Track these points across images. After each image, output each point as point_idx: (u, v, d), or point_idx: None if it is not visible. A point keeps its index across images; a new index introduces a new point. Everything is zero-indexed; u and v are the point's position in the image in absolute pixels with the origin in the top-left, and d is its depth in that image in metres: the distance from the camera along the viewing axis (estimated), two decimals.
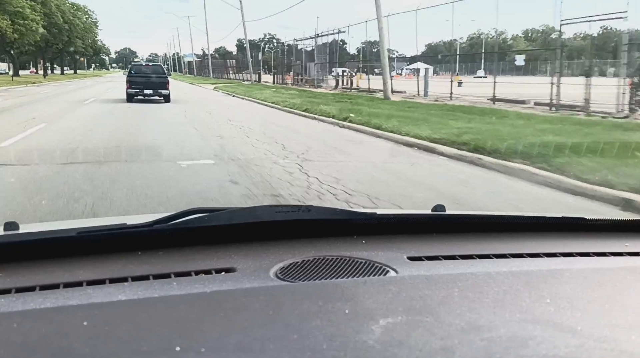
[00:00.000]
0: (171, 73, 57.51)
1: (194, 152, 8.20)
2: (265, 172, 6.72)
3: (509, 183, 6.40)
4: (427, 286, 0.99)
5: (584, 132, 9.70)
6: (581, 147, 7.32)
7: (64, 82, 52.24)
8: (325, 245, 1.22)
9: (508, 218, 1.53)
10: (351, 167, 7.37)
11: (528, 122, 11.62)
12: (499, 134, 9.22)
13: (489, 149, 7.77)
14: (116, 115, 15.60)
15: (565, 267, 1.14)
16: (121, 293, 0.95)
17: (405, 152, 9.07)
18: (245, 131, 11.38)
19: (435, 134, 9.54)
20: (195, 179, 6.32)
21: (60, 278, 1.00)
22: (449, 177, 6.86)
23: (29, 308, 0.88)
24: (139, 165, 7.24)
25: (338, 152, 9.00)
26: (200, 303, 0.91)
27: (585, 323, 0.87)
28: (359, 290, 0.96)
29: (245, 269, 1.07)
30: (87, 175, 6.29)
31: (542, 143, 7.80)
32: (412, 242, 1.27)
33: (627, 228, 1.44)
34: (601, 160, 6.63)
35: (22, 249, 1.11)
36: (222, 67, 70.19)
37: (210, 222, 1.21)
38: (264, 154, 8.19)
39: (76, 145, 8.90)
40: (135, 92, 20.85)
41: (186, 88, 37.87)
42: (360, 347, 0.77)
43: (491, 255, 1.20)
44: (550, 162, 6.60)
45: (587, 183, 5.74)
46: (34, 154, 7.98)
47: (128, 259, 1.11)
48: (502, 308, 0.91)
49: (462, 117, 12.97)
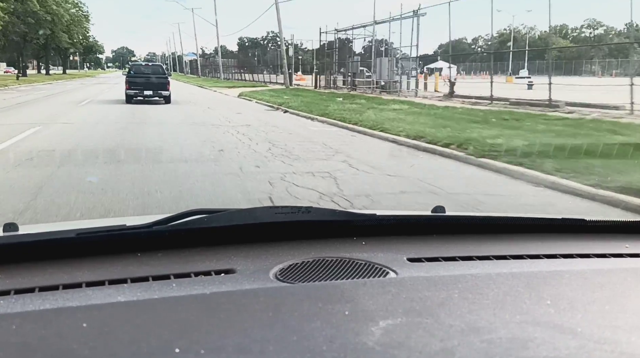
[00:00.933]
0: (171, 73, 52.25)
1: None
2: None
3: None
4: (427, 287, 0.99)
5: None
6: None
7: (40, 85, 40.30)
8: (325, 246, 1.22)
9: (508, 219, 1.53)
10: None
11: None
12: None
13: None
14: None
15: (565, 269, 1.14)
16: (120, 294, 0.94)
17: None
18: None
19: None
20: None
21: (60, 279, 1.00)
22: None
23: (28, 310, 0.88)
24: None
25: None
26: (199, 305, 0.91)
27: (586, 324, 0.87)
28: (358, 291, 0.96)
29: (245, 270, 1.07)
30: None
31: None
32: (412, 243, 1.27)
33: (628, 230, 1.44)
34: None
35: (22, 250, 1.11)
36: (230, 67, 62.31)
37: (210, 224, 1.20)
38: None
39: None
40: (135, 93, 20.01)
41: (200, 95, 28.56)
42: (360, 348, 0.77)
43: (491, 257, 1.19)
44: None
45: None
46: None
47: (127, 260, 1.11)
48: (502, 309, 0.91)
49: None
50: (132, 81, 20.43)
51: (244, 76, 54.47)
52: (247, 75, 53.31)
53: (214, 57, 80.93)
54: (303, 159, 7.72)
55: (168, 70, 27.06)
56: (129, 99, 20.07)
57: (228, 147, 8.90)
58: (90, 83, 47.03)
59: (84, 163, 7.54)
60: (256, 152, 8.39)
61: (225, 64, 63.12)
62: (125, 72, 23.77)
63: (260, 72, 50.63)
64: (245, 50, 74.83)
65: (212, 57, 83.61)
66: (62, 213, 4.70)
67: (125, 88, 20.55)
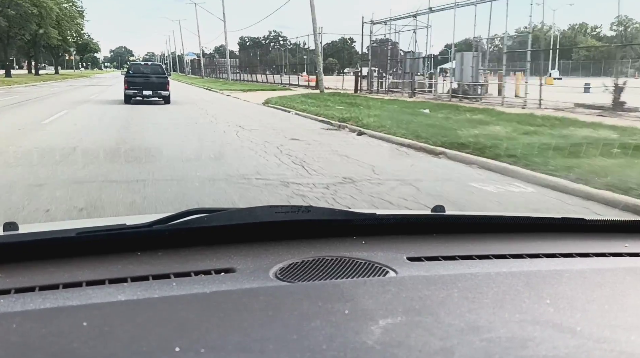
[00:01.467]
0: (171, 73, 47.17)
1: None
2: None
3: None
4: (426, 286, 0.99)
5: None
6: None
7: (20, 88, 34.29)
8: (324, 245, 1.22)
9: (508, 218, 1.53)
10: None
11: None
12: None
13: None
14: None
15: (564, 268, 1.14)
16: (121, 293, 0.95)
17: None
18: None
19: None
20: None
21: (60, 278, 1.00)
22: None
23: (29, 309, 0.88)
24: None
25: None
26: (199, 304, 0.91)
27: (585, 323, 0.87)
28: (358, 290, 0.96)
29: (245, 270, 1.07)
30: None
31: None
32: (412, 243, 1.27)
33: (627, 229, 1.44)
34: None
35: (22, 249, 1.11)
36: (232, 67, 55.89)
37: (210, 223, 1.21)
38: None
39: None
40: (134, 93, 19.44)
41: (216, 103, 21.63)
42: (360, 347, 0.77)
43: (491, 256, 1.20)
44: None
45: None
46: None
47: (127, 260, 1.11)
48: (501, 308, 0.91)
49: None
50: (131, 81, 19.92)
51: (253, 77, 48.94)
52: (257, 76, 47.57)
53: (214, 57, 76.62)
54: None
55: (168, 70, 25.92)
56: (128, 99, 19.55)
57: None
58: (81, 85, 41.06)
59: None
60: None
61: (225, 63, 58.02)
62: (124, 72, 22.82)
63: (270, 73, 45.92)
64: (246, 50, 71.75)
65: (212, 57, 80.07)
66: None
67: (124, 88, 19.98)
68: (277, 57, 48.91)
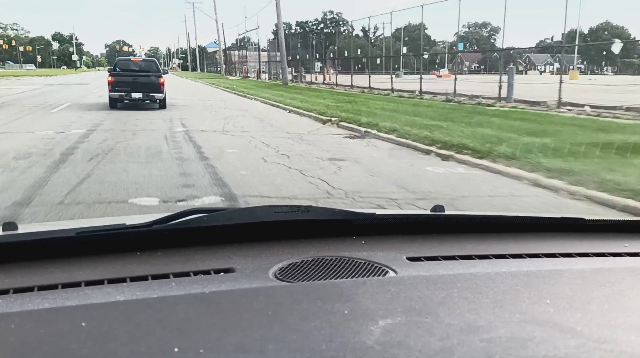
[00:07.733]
0: (197, 69, 39.23)
1: None
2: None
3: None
4: (426, 286, 0.99)
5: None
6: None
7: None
8: (324, 245, 1.22)
9: (507, 218, 1.53)
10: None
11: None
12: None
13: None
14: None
15: (564, 268, 1.14)
16: (120, 293, 0.94)
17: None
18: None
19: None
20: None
21: (59, 278, 1.00)
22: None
23: (27, 309, 0.88)
24: None
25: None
26: (199, 304, 0.91)
27: (585, 323, 0.87)
28: (358, 290, 0.96)
29: (244, 270, 1.07)
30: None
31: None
32: (412, 243, 1.27)
33: (627, 229, 1.44)
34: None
35: (21, 249, 1.11)
36: (249, 63, 47.99)
37: (209, 223, 1.20)
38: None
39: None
40: (120, 96, 15.66)
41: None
42: (360, 347, 0.77)
43: (490, 256, 1.19)
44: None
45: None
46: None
47: (127, 259, 1.11)
48: (501, 308, 0.91)
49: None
50: (117, 81, 15.81)
51: (313, 76, 35.30)
52: (337, 76, 32.60)
53: (238, 49, 57.92)
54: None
55: (195, 69, 20.61)
56: (113, 103, 15.86)
57: None
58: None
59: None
60: None
61: (247, 57, 46.10)
62: (110, 69, 17.38)
63: (354, 72, 30.44)
64: (303, 39, 52.08)
65: (244, 48, 59.58)
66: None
67: (108, 89, 16.05)
68: (348, 47, 35.87)
